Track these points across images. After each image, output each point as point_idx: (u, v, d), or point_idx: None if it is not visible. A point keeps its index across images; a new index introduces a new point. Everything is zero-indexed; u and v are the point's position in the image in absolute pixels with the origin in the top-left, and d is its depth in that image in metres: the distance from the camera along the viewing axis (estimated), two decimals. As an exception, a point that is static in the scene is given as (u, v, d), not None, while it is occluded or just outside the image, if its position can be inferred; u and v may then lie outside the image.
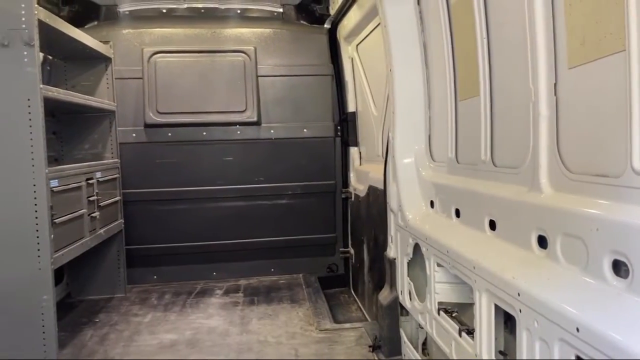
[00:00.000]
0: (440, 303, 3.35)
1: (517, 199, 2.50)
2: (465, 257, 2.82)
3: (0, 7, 4.08)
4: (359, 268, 6.30)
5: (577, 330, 1.77)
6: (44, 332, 4.24)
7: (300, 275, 6.91)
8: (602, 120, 1.94)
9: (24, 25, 4.08)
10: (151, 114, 6.44)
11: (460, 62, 3.34)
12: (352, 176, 6.77)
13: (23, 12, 4.09)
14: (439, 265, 3.34)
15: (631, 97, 1.71)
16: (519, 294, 2.21)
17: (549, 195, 2.29)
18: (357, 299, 6.45)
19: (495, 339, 2.65)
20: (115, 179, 6.03)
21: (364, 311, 5.95)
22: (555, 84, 2.23)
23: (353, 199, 6.58)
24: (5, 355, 4.17)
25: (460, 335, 2.95)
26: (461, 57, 3.32)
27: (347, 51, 6.64)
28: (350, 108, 6.74)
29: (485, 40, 2.88)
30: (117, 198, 6.07)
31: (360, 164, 6.64)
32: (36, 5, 4.14)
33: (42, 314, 4.23)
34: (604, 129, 1.93)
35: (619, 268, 1.79)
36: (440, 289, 3.34)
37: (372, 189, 5.50)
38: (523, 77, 2.46)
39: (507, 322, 2.69)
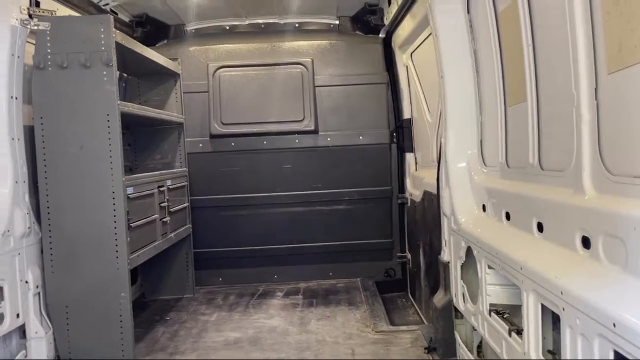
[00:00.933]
0: (491, 305, 3.43)
1: (563, 201, 2.57)
2: (513, 258, 2.90)
3: (83, 33, 4.55)
4: (416, 272, 6.38)
5: (614, 325, 1.85)
6: (121, 327, 4.64)
7: (358, 279, 7.06)
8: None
9: (103, 48, 4.53)
10: (216, 125, 6.84)
11: (508, 69, 3.42)
12: (408, 182, 6.86)
13: (102, 36, 4.53)
14: (489, 267, 3.42)
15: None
16: (562, 293, 2.28)
17: (592, 196, 2.35)
18: (414, 303, 6.53)
19: (544, 338, 2.71)
20: (183, 186, 6.45)
21: (421, 315, 6.02)
22: (595, 89, 2.30)
23: (409, 204, 6.67)
24: (88, 346, 4.60)
25: (510, 335, 3.02)
26: (509, 63, 3.40)
27: (402, 59, 6.77)
28: (406, 115, 6.86)
29: (530, 48, 2.96)
30: (186, 204, 6.49)
31: (416, 170, 6.73)
32: (114, 29, 4.59)
33: (120, 310, 4.63)
34: (641, 132, 1.99)
35: (655, 266, 1.85)
36: (492, 291, 3.42)
37: (427, 194, 5.59)
38: (566, 82, 2.53)
39: (556, 322, 2.74)
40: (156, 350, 4.95)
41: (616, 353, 1.90)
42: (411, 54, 6.53)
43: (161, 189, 5.64)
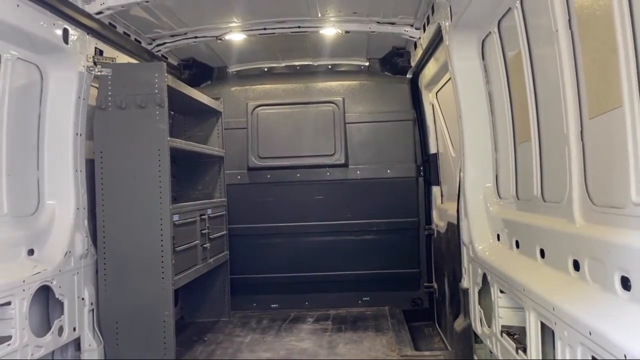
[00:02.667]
0: (503, 326, 3.70)
1: (559, 229, 2.89)
2: (518, 282, 3.21)
3: (140, 78, 5.17)
4: (442, 301, 6.62)
5: (590, 333, 2.16)
6: (164, 344, 5.07)
7: (386, 307, 7.32)
8: (613, 161, 2.34)
9: (156, 91, 5.12)
10: (253, 159, 7.37)
11: (517, 110, 3.79)
12: (435, 214, 7.17)
13: (156, 80, 5.13)
14: (501, 291, 3.71)
15: (627, 143, 2.12)
16: (554, 309, 2.59)
17: (580, 225, 2.67)
18: (440, 331, 6.74)
19: (547, 353, 2.99)
20: (222, 215, 6.94)
21: (446, 342, 6.24)
22: (581, 131, 2.65)
23: (435, 235, 6.96)
24: (135, 358, 5.03)
25: (517, 352, 3.30)
26: (517, 105, 3.77)
27: (428, 98, 7.19)
28: (432, 150, 7.22)
29: (532, 93, 3.34)
30: (224, 232, 6.97)
31: (442, 202, 7.04)
32: (165, 74, 5.18)
33: (164, 327, 5.07)
34: (615, 168, 2.33)
35: (625, 283, 2.16)
36: (503, 313, 3.70)
37: (450, 225, 5.90)
38: (560, 125, 2.89)
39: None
40: (195, 367, 5.35)
41: (594, 359, 2.20)
42: (436, 93, 6.95)
43: (202, 217, 6.14)
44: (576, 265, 2.66)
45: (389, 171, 7.35)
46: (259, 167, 7.38)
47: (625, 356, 1.89)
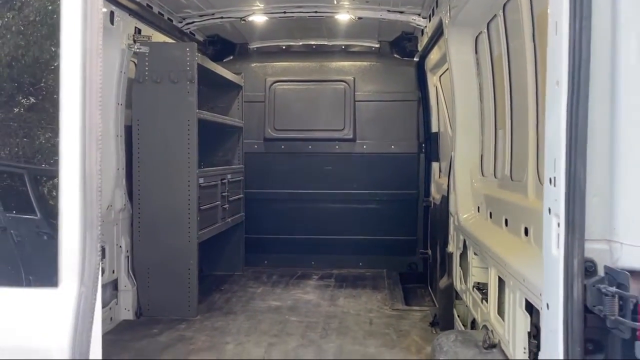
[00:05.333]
0: (475, 282, 4.43)
1: (518, 203, 3.58)
2: (486, 245, 3.92)
3: (174, 55, 5.84)
4: (434, 266, 7.36)
5: (524, 280, 2.87)
6: (189, 289, 5.89)
7: (384, 270, 8.08)
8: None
9: (188, 68, 5.80)
10: (270, 130, 8.07)
11: (499, 101, 4.42)
12: (433, 187, 7.84)
13: (188, 58, 5.81)
14: (475, 254, 4.42)
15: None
16: (505, 265, 3.30)
17: (532, 200, 3.36)
18: (431, 292, 7.50)
19: (502, 302, 3.71)
20: (240, 180, 7.68)
21: (435, 301, 7.00)
22: (537, 126, 3.31)
23: (432, 206, 7.66)
24: (163, 302, 5.85)
25: (482, 302, 4.03)
26: (499, 97, 4.40)
27: (432, 80, 7.78)
28: (434, 129, 7.85)
29: (508, 88, 3.97)
30: (241, 195, 7.72)
31: (440, 177, 7.71)
32: (196, 53, 5.84)
33: (189, 275, 5.88)
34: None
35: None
36: (476, 272, 4.42)
37: (444, 198, 6.58)
38: (524, 118, 3.54)
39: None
40: (214, 310, 6.16)
41: (527, 301, 2.91)
42: (440, 76, 7.53)
43: (223, 181, 6.88)
44: (526, 232, 3.35)
45: (393, 147, 8.01)
46: (275, 138, 8.08)
47: (540, 295, 2.60)
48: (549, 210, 1.97)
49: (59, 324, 1.62)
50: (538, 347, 2.79)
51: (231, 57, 8.31)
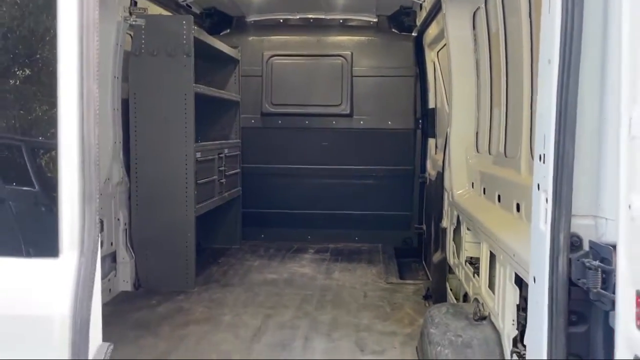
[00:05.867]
0: (468, 257, 4.51)
1: (510, 179, 3.63)
2: (479, 220, 3.98)
3: (170, 29, 5.80)
4: (428, 241, 7.46)
5: (514, 255, 2.94)
6: (186, 261, 5.97)
7: (379, 244, 8.18)
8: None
9: (184, 41, 5.77)
10: (267, 105, 8.06)
11: (495, 79, 4.43)
12: (429, 163, 7.89)
13: (184, 31, 5.77)
14: (468, 229, 4.49)
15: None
16: (497, 240, 3.37)
17: (524, 176, 3.40)
18: (425, 266, 7.61)
19: (493, 276, 3.80)
20: (237, 155, 7.71)
21: (429, 275, 7.11)
22: (531, 105, 3.33)
23: (428, 182, 7.72)
24: (160, 274, 5.93)
25: (473, 277, 4.12)
26: (495, 75, 4.41)
27: (430, 56, 7.74)
28: (431, 105, 7.85)
29: (504, 66, 3.98)
30: (237, 170, 7.76)
31: (436, 153, 7.74)
32: (193, 26, 5.80)
33: (186, 247, 5.95)
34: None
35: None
36: (468, 247, 4.50)
37: (439, 174, 6.63)
38: (519, 98, 3.56)
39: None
40: (211, 282, 6.26)
41: (517, 275, 2.98)
42: (437, 52, 7.50)
43: (220, 155, 6.91)
44: (518, 208, 3.41)
45: (390, 122, 8.03)
46: (272, 113, 8.07)
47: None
48: (538, 186, 2.02)
49: (60, 293, 1.68)
50: (526, 320, 2.88)
51: (228, 31, 8.24)
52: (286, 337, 4.66)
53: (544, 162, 1.95)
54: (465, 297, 5.14)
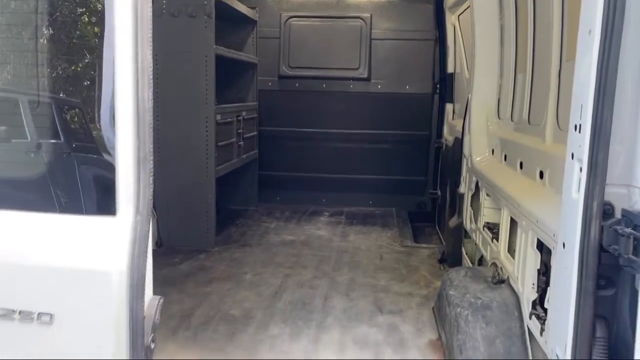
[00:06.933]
0: (486, 222, 4.60)
1: (534, 147, 3.67)
2: (499, 186, 4.04)
3: (191, -11, 5.76)
4: (443, 206, 7.54)
5: (537, 221, 3.01)
6: (207, 221, 6.11)
7: (394, 209, 8.28)
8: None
9: (205, 2, 5.74)
10: (284, 68, 8.03)
11: (520, 45, 4.41)
12: (445, 129, 7.90)
13: (206, -9, 5.72)
14: (487, 195, 4.56)
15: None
16: (519, 206, 3.44)
17: (549, 144, 3.44)
18: (438, 231, 7.74)
19: (512, 241, 3.89)
20: (254, 118, 7.75)
21: (442, 240, 7.24)
22: (559, 71, 3.34)
23: (444, 148, 7.75)
24: (182, 233, 6.09)
25: (492, 241, 4.21)
26: (521, 41, 4.39)
27: (451, 19, 7.64)
28: (450, 69, 7.80)
29: (532, 32, 3.96)
30: (255, 133, 7.81)
31: (453, 119, 7.74)
32: (213, -15, 5.75)
33: (207, 208, 6.08)
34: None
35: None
36: (487, 212, 4.58)
37: (457, 140, 6.65)
38: (547, 63, 3.56)
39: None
40: (230, 242, 6.42)
41: (539, 241, 3.06)
42: (459, 16, 7.39)
43: (239, 118, 6.95)
44: (541, 175, 3.46)
45: (407, 87, 8.00)
46: (289, 75, 8.06)
47: (554, 235, 2.75)
48: (572, 155, 2.07)
49: (118, 250, 1.78)
50: (546, 284, 2.98)
51: (246, -9, 8.13)
52: (306, 296, 4.82)
53: (579, 132, 2.00)
54: (481, 261, 5.26)
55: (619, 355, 1.97)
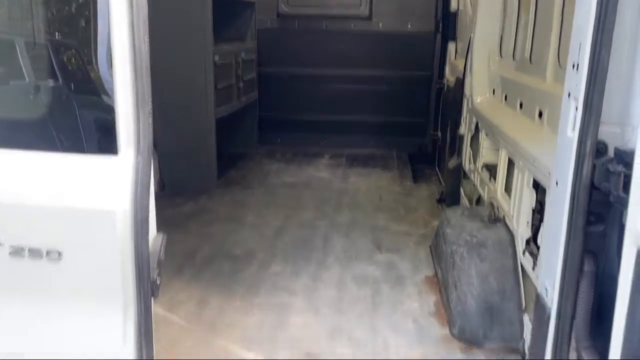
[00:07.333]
0: (484, 163, 4.63)
1: (534, 86, 3.65)
2: (498, 127, 4.05)
3: None
4: (443, 148, 7.56)
5: (534, 160, 3.05)
6: (208, 163, 6.17)
7: (394, 150, 8.31)
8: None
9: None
10: (283, 6, 7.84)
11: (525, -19, 4.29)
12: (447, 69, 7.78)
13: None
14: (486, 135, 4.58)
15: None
16: (516, 146, 3.47)
17: (549, 83, 3.43)
18: (438, 172, 7.79)
19: (509, 181, 3.94)
20: (253, 59, 7.63)
21: (442, 180, 7.31)
22: (562, 11, 3.27)
23: (445, 89, 7.67)
24: (184, 174, 6.14)
25: (490, 180, 4.27)
26: (525, -24, 4.26)
27: (454, -46, 7.37)
28: (453, 7, 7.60)
29: (537, -33, 3.84)
30: (254, 74, 7.72)
31: (455, 58, 7.62)
32: None
33: (208, 150, 6.12)
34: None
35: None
36: (485, 153, 4.61)
37: (458, 80, 6.58)
38: (550, 4, 3.48)
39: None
40: (231, 184, 6.50)
41: (535, 180, 3.11)
42: (463, -50, 7.12)
43: (237, 59, 6.85)
44: (540, 114, 3.47)
45: (409, 25, 7.82)
46: (288, 14, 7.87)
47: (549, 174, 2.79)
48: (569, 94, 2.08)
49: (121, 188, 1.83)
50: (540, 221, 3.05)
51: None
52: (307, 236, 4.94)
53: (577, 71, 1.99)
54: (478, 201, 5.34)
55: (604, 288, 2.05)
